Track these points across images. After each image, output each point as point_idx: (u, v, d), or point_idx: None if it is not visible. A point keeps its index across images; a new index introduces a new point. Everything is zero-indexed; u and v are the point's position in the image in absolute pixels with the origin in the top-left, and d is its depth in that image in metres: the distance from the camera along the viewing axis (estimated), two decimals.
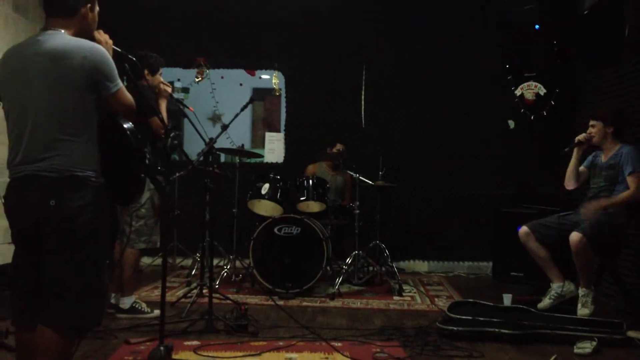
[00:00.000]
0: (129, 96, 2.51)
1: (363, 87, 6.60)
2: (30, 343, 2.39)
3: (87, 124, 2.42)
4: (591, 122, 4.58)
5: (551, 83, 6.44)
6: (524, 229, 4.61)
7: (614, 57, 5.31)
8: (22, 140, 2.38)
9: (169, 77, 5.58)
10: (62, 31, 2.44)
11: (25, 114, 2.38)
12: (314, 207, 5.31)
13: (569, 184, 4.72)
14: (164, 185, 3.31)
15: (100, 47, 2.45)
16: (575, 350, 3.61)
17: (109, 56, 2.46)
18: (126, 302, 4.19)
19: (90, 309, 2.42)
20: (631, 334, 3.80)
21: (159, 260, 5.74)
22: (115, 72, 2.46)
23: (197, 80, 6.85)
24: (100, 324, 2.56)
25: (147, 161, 2.53)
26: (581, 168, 4.73)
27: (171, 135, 3.38)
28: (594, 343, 3.65)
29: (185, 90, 6.93)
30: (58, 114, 2.35)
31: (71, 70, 2.35)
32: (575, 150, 4.64)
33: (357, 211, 5.35)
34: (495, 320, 3.92)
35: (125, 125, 2.49)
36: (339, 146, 5.99)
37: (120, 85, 2.47)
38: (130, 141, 2.48)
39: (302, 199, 5.24)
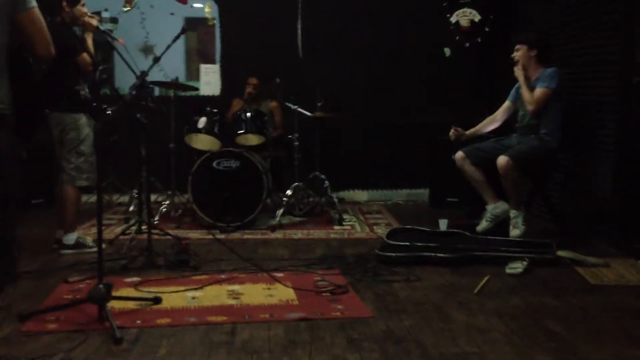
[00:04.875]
0: (42, 20, 2.40)
1: (299, 16, 6.45)
2: None
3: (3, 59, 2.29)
4: (516, 47, 4.63)
5: (486, 10, 6.48)
6: (459, 153, 4.69)
7: None
8: None
9: (94, 7, 5.27)
10: None
11: None
12: (253, 140, 5.25)
13: (494, 123, 4.84)
14: (101, 115, 3.16)
15: None
16: (507, 271, 3.78)
17: None
18: (70, 238, 4.15)
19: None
20: (560, 253, 3.99)
21: (94, 197, 5.59)
22: None
23: (125, 9, 6.53)
24: (13, 280, 2.45)
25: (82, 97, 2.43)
26: (506, 103, 4.81)
27: (99, 69, 3.25)
28: (525, 263, 3.82)
29: (114, 20, 6.58)
30: None
31: None
32: None
33: (297, 143, 5.34)
34: (432, 245, 4.06)
35: (27, 56, 2.38)
36: (253, 80, 5.92)
37: (35, 4, 2.37)
38: (32, 73, 2.38)
39: (240, 132, 5.16)
